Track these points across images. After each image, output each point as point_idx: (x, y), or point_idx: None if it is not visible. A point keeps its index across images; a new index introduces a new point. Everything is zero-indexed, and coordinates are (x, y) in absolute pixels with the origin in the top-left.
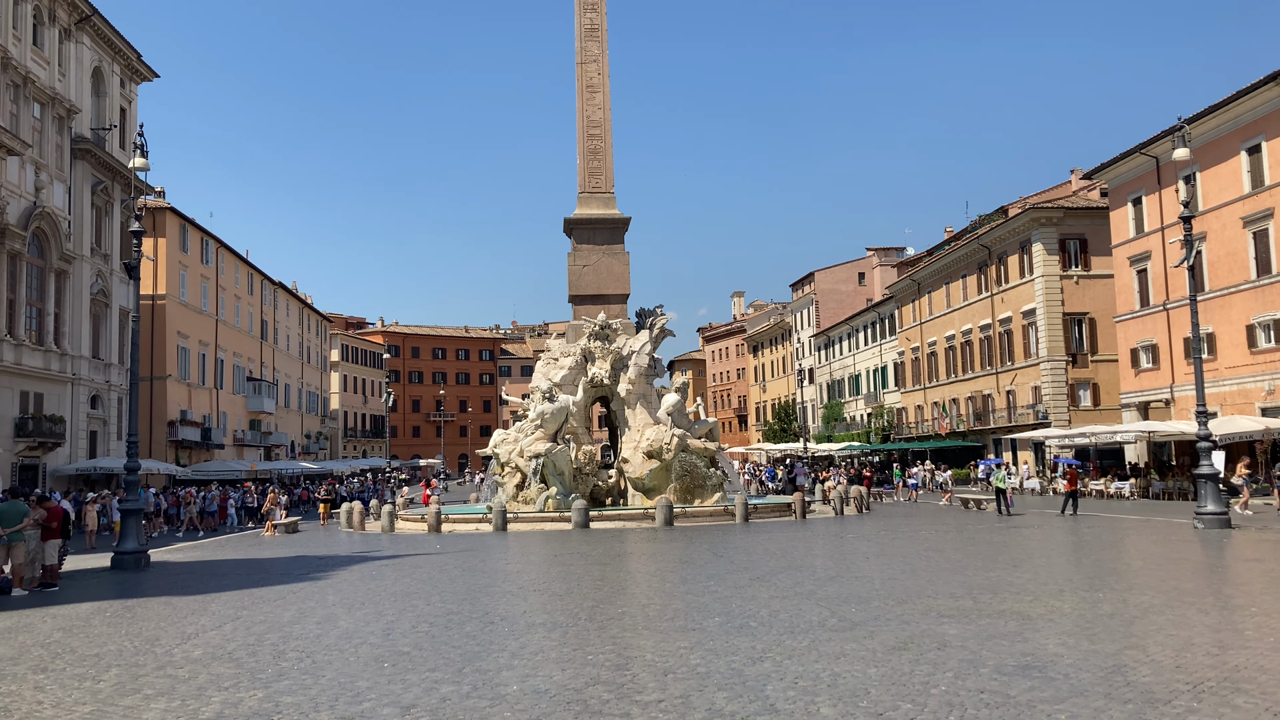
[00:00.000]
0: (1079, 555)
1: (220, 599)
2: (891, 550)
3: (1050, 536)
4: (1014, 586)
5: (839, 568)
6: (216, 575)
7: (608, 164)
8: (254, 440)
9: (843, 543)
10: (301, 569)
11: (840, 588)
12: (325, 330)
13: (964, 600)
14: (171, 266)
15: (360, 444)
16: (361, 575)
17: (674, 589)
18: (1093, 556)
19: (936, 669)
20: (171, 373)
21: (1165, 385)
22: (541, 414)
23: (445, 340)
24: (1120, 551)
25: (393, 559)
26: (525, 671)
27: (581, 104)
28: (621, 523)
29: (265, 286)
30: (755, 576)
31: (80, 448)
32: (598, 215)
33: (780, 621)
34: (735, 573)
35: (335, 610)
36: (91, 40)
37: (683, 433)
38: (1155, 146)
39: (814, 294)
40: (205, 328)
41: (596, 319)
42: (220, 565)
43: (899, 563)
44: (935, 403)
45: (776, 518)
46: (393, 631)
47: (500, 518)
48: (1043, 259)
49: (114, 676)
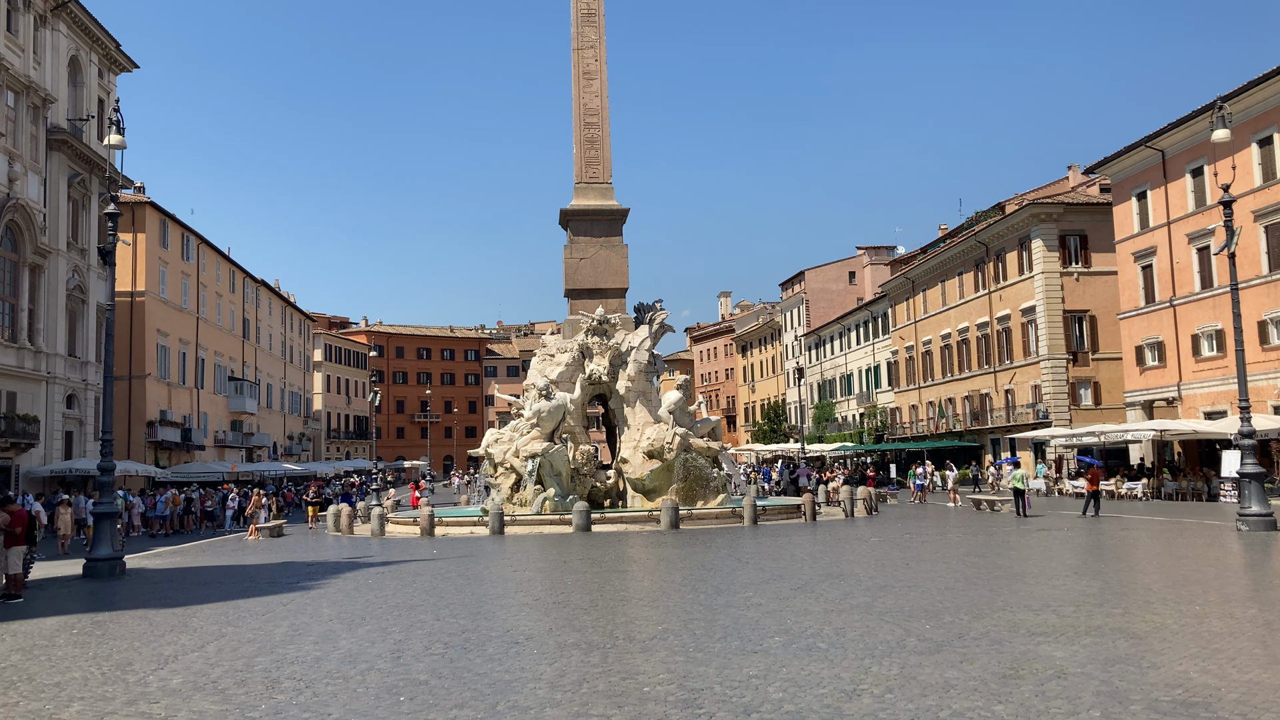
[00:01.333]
0: (1135, 561)
1: (202, 613)
2: (929, 555)
3: (1090, 540)
4: (1091, 597)
5: (885, 575)
6: (198, 584)
7: (605, 153)
8: (235, 441)
9: (870, 547)
10: (290, 577)
11: (897, 600)
12: (308, 330)
13: (1046, 614)
14: (151, 262)
15: (344, 445)
16: (357, 584)
17: (711, 601)
18: (1153, 563)
19: (1074, 705)
20: (151, 371)
21: (1171, 383)
22: (538, 412)
23: (430, 340)
24: (1177, 558)
25: (388, 565)
26: (574, 710)
27: (578, 91)
28: (624, 525)
29: (247, 284)
30: (796, 586)
31: (55, 448)
32: (595, 206)
33: (851, 642)
34: (771, 581)
35: (333, 627)
36: (68, 28)
37: (685, 432)
38: (1161, 140)
39: (804, 293)
40: (186, 325)
41: (595, 314)
42: (202, 573)
43: (946, 569)
44: (930, 402)
45: (784, 519)
46: (403, 653)
47: (497, 520)
48: (1043, 255)
49: (75, 714)
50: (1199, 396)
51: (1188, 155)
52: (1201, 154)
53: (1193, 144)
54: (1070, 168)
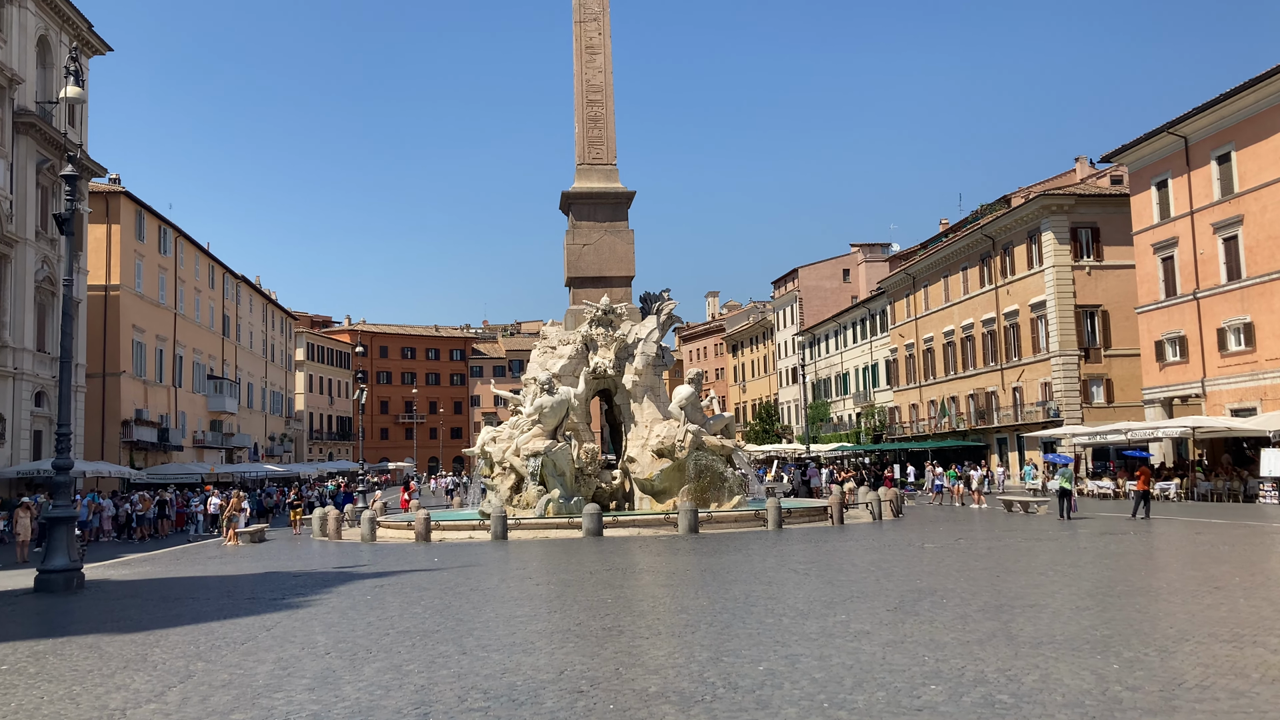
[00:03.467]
0: (1269, 569)
1: (168, 640)
2: (1012, 565)
3: (1176, 546)
4: (1273, 626)
5: (986, 591)
6: (166, 600)
7: (610, 132)
8: (215, 442)
9: (932, 555)
10: (275, 591)
11: (1033, 625)
12: (290, 328)
13: (1250, 647)
14: (126, 255)
15: (326, 446)
16: (354, 601)
17: (801, 627)
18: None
19: None
20: (126, 369)
21: (1195, 379)
22: (540, 408)
23: (414, 339)
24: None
25: (386, 577)
26: None
27: (580, 67)
28: (636, 529)
29: (227, 280)
30: (891, 606)
31: (23, 448)
32: (599, 189)
33: (1038, 693)
34: (854, 600)
35: (332, 663)
36: (37, 5)
37: (697, 429)
38: (1184, 125)
39: (797, 291)
40: (163, 321)
41: (600, 303)
42: (172, 585)
43: (1053, 583)
44: (932, 401)
45: (809, 523)
46: (432, 710)
47: (500, 524)
48: (1053, 249)
49: None
50: (1225, 393)
51: (1213, 141)
52: (1228, 139)
53: (1219, 129)
54: (1078, 160)
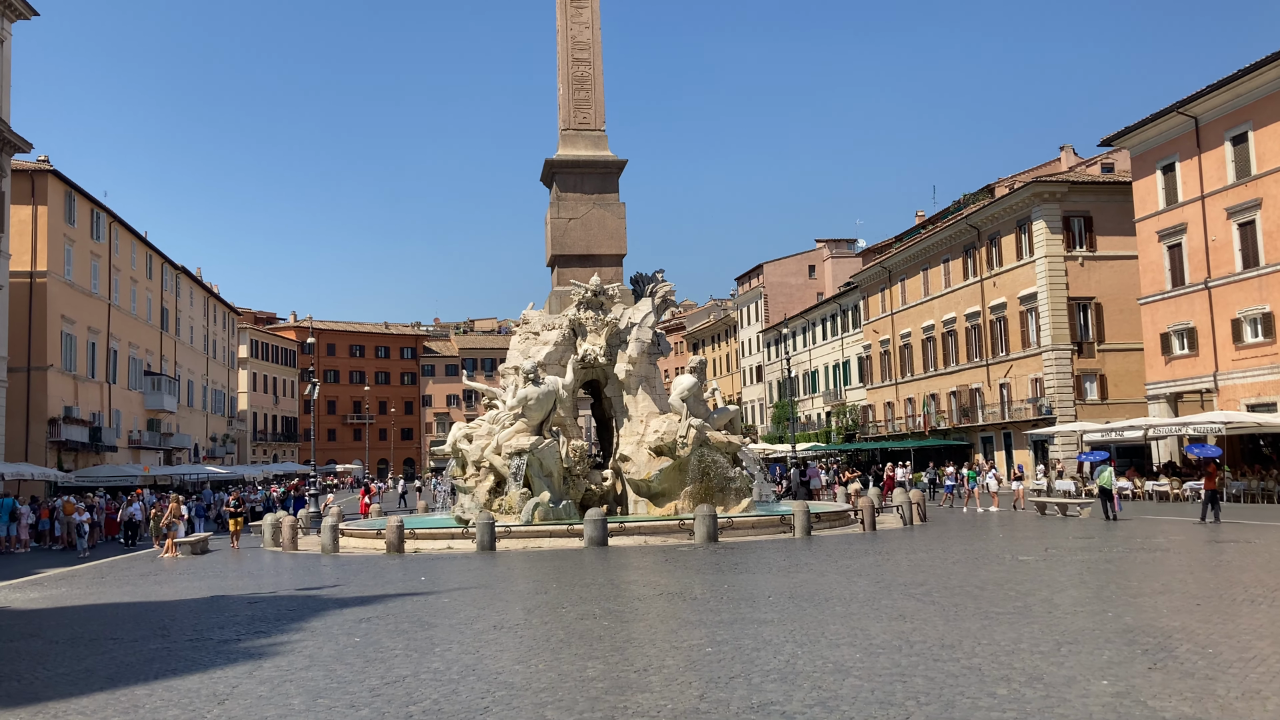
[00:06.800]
0: None
1: None
2: (1155, 586)
3: (1258, 550)
4: None
5: (1129, 613)
6: (76, 643)
7: (598, 94)
8: (152, 442)
9: (1042, 571)
10: (224, 625)
11: (1218, 672)
12: (233, 324)
13: None
14: (54, 239)
15: (271, 448)
16: (338, 648)
17: (968, 684)
18: None
19: None
20: (54, 362)
21: (1206, 373)
22: (524, 400)
23: (363, 337)
24: None
25: (369, 605)
26: None
27: (565, 22)
28: (643, 538)
29: (167, 271)
30: (1061, 639)
31: None
32: (586, 157)
33: None
34: (997, 626)
35: None
36: None
37: (701, 423)
38: (1195, 105)
39: (762, 287)
40: (95, 312)
41: (589, 283)
42: (91, 615)
43: (1199, 596)
44: (909, 399)
45: (834, 529)
46: None
47: (487, 533)
48: (1045, 238)
49: None
50: (1240, 387)
51: (1226, 121)
52: (1245, 119)
53: (1234, 108)
54: (1063, 148)
